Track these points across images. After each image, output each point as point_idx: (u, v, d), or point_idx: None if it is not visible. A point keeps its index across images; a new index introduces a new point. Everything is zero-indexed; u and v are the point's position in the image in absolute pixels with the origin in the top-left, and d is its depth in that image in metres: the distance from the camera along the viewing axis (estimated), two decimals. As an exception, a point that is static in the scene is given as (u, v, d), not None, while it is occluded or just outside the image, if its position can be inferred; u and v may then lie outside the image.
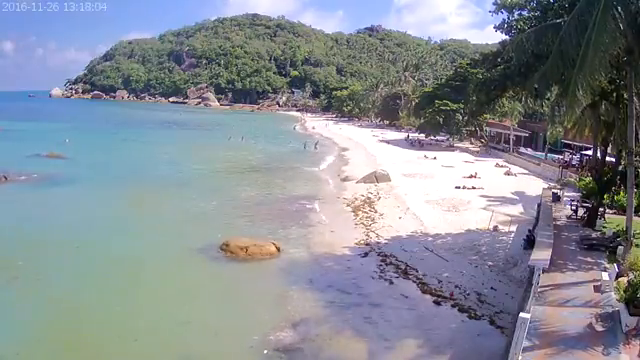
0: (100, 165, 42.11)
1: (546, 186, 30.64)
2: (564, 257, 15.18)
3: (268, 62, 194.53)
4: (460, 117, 61.16)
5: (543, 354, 9.17)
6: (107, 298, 15.52)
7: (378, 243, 21.90)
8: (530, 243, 18.74)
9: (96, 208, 27.54)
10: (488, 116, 58.15)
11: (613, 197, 22.27)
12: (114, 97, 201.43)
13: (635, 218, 15.19)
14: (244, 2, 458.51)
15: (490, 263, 19.39)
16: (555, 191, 25.93)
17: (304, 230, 24.12)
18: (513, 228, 24.01)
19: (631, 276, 10.78)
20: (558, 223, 19.89)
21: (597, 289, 12.39)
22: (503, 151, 55.10)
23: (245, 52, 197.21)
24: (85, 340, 13.13)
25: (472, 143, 65.98)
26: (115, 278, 17.26)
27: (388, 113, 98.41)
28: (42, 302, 15.21)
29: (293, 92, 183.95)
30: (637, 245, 14.85)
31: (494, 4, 18.84)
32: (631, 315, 9.95)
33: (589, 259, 15.06)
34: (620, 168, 19.69)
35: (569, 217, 21.26)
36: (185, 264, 18.99)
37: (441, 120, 61.86)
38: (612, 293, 11.53)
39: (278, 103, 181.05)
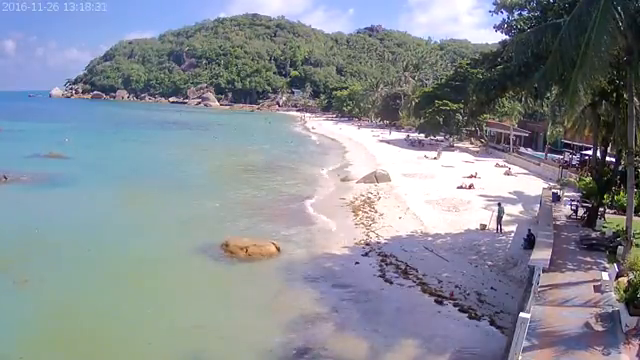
0: (100, 165, 42.11)
1: (546, 186, 30.65)
2: (564, 257, 15.19)
3: (268, 62, 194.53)
4: (460, 117, 61.15)
5: (543, 354, 9.17)
6: (117, 301, 15.42)
7: (378, 243, 21.89)
8: (530, 243, 18.74)
9: (98, 209, 27.56)
10: (488, 116, 58.09)
11: (613, 197, 22.26)
12: (114, 97, 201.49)
13: (635, 218, 15.19)
14: (252, 1, 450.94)
15: (490, 263, 19.38)
16: (555, 191, 25.94)
17: (304, 230, 24.11)
18: (513, 228, 24.02)
19: (631, 276, 10.77)
20: (558, 223, 19.90)
21: (597, 289, 12.39)
22: (503, 151, 55.09)
23: (245, 52, 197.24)
24: (101, 344, 13.03)
25: (472, 143, 65.97)
26: (123, 281, 17.15)
27: (388, 113, 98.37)
28: (54, 305, 15.10)
29: (293, 92, 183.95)
30: (637, 245, 14.86)
31: (494, 4, 18.84)
32: (631, 315, 9.95)
33: (589, 259, 15.07)
34: (620, 168, 19.69)
35: (569, 217, 21.28)
36: (189, 266, 18.95)
37: (441, 120, 61.86)
38: (612, 293, 11.53)
39: (278, 103, 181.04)
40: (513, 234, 23.07)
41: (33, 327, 13.72)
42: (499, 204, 24.28)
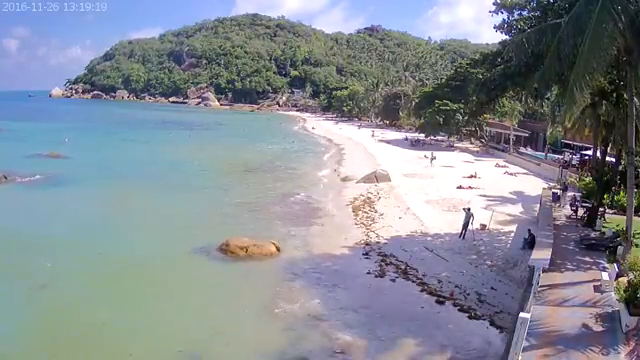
0: (100, 165, 42.05)
1: (546, 186, 30.66)
2: (564, 257, 15.20)
3: (268, 62, 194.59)
4: (460, 117, 61.18)
5: (543, 354, 9.18)
6: (126, 306, 15.27)
7: (378, 243, 21.86)
8: (529, 243, 18.74)
9: (99, 209, 27.51)
10: (488, 116, 58.17)
11: (613, 197, 22.28)
12: (114, 97, 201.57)
13: (635, 218, 15.20)
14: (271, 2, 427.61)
15: (490, 263, 19.38)
16: (555, 191, 25.93)
17: (304, 230, 24.09)
18: (513, 228, 24.02)
19: (631, 276, 10.77)
20: (558, 223, 19.91)
21: (597, 289, 12.41)
22: (503, 151, 55.12)
23: (245, 52, 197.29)
24: (107, 348, 12.94)
25: (472, 143, 65.99)
26: (131, 284, 16.97)
27: (388, 113, 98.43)
28: (70, 312, 14.88)
29: (293, 92, 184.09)
30: (637, 245, 14.87)
31: (494, 4, 18.89)
32: (631, 315, 9.95)
33: (589, 259, 15.08)
34: (620, 168, 19.71)
35: (569, 217, 21.29)
36: (190, 266, 18.83)
37: (441, 120, 61.88)
38: (612, 293, 11.53)
39: (278, 103, 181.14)
40: (513, 234, 23.07)
41: (54, 334, 13.55)
42: (468, 209, 22.83)
